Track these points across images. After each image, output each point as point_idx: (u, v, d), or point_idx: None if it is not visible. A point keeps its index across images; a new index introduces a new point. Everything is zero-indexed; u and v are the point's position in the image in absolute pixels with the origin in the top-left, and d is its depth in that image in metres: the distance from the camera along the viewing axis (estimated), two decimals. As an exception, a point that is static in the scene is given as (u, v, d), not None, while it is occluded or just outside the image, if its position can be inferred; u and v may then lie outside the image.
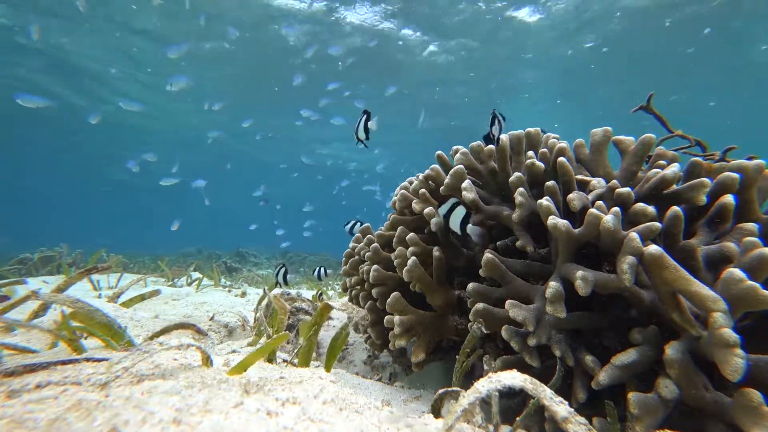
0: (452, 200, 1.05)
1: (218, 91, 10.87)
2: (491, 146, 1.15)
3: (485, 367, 0.85)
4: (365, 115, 1.72)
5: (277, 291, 2.09)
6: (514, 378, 0.55)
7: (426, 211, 1.13)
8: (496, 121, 1.31)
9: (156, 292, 2.03)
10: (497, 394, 0.65)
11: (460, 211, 1.02)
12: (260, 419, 0.56)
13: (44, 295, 0.93)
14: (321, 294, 2.64)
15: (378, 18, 8.07)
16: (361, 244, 1.42)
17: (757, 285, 0.62)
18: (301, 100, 9.63)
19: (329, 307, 0.99)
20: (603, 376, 0.75)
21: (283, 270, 2.69)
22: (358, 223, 2.79)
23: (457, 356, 0.89)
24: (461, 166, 1.10)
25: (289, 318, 1.30)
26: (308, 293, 3.23)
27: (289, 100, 10.70)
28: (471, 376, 1.09)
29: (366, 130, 1.71)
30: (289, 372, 0.79)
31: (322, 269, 2.90)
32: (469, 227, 1.02)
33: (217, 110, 9.05)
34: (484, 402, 0.68)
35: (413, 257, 1.08)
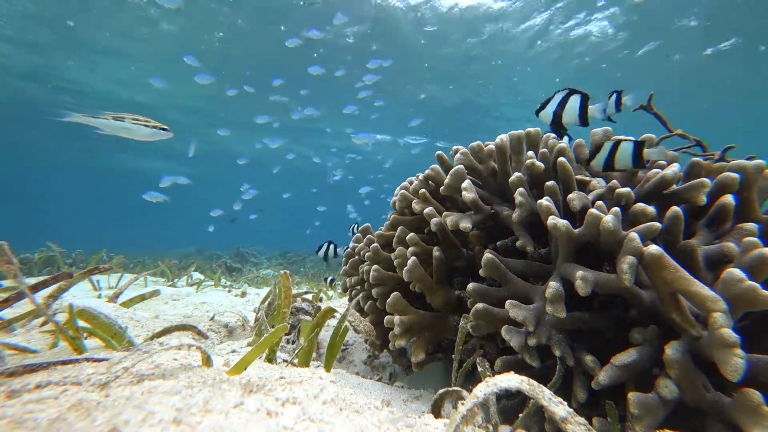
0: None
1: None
2: (491, 146, 1.15)
3: (479, 368, 0.85)
4: (580, 96, 1.32)
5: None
6: (510, 380, 0.55)
7: (426, 211, 1.13)
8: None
9: (156, 293, 2.03)
10: (494, 397, 0.65)
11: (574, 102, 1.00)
12: (260, 419, 0.56)
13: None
14: (333, 279, 2.57)
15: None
16: (361, 244, 1.42)
17: (757, 285, 0.62)
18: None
19: (332, 310, 0.99)
20: (603, 376, 0.75)
21: (332, 246, 2.58)
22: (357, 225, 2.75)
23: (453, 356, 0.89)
24: (461, 166, 1.10)
25: (289, 318, 1.30)
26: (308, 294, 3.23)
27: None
28: (472, 376, 1.09)
29: (584, 114, 1.30)
30: (289, 372, 0.79)
31: (332, 247, 2.73)
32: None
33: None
34: (485, 404, 0.68)
35: (413, 257, 1.08)
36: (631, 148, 0.97)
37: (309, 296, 2.43)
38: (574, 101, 1.29)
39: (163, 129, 2.01)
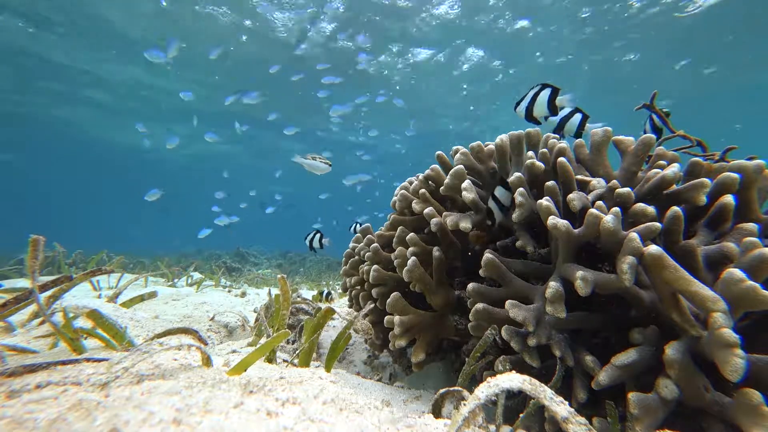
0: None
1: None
2: (491, 146, 1.15)
3: (500, 367, 0.85)
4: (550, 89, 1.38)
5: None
6: (512, 380, 0.55)
7: (426, 211, 1.13)
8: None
9: (153, 294, 2.04)
10: (503, 397, 0.65)
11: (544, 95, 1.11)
12: (260, 419, 0.56)
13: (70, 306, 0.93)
14: (329, 293, 2.57)
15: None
16: (361, 244, 1.42)
17: (757, 285, 0.62)
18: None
19: (332, 311, 0.99)
20: (603, 377, 0.75)
21: (318, 236, 2.56)
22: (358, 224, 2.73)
23: (455, 355, 0.89)
24: (461, 166, 1.10)
25: (288, 318, 1.30)
26: (308, 293, 3.23)
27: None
28: (473, 377, 1.09)
29: (553, 107, 1.37)
30: (289, 372, 0.79)
31: (317, 236, 2.70)
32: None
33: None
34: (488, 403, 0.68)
35: (413, 257, 1.08)
36: (546, 97, 1.09)
37: (309, 296, 2.43)
38: (544, 95, 1.39)
39: (330, 165, 2.57)
